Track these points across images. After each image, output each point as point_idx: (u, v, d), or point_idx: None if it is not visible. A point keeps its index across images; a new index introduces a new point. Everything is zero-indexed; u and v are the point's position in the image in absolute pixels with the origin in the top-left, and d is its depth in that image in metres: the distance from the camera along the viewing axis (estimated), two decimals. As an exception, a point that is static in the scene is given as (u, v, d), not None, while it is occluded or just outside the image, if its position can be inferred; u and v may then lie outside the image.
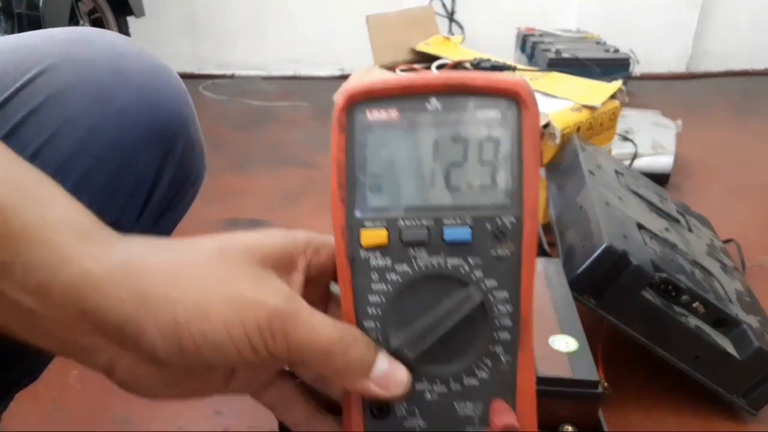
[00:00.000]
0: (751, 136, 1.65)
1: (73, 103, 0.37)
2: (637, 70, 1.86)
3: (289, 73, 2.28)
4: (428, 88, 0.26)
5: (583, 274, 0.65)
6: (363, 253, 0.26)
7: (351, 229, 0.26)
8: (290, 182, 1.32)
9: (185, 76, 2.29)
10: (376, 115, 0.26)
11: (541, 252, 0.73)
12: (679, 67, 2.25)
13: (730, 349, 0.68)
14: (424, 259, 0.26)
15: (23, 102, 0.36)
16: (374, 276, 0.26)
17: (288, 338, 0.24)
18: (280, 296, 0.24)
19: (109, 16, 1.67)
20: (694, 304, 0.68)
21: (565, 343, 0.52)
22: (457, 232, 0.26)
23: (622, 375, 0.74)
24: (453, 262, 0.26)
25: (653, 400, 0.72)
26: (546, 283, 0.61)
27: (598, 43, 1.79)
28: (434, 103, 0.26)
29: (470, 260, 0.26)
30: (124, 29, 1.71)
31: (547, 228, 0.85)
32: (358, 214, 0.26)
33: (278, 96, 1.96)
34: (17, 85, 0.36)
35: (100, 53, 0.39)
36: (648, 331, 0.67)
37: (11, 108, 0.36)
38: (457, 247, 0.26)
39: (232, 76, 2.26)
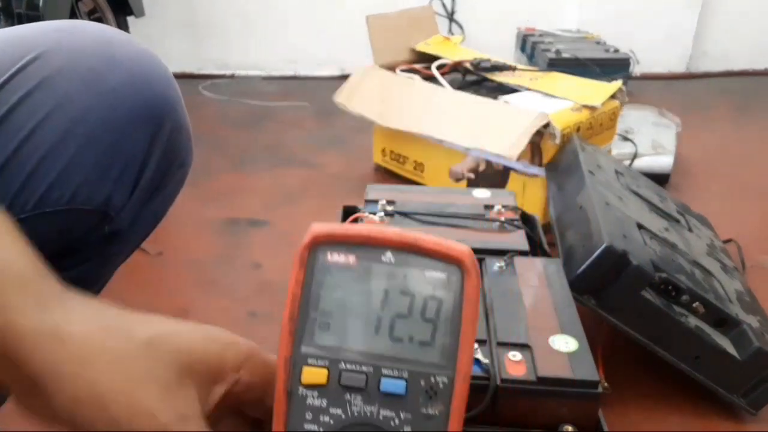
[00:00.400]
0: (751, 136, 1.65)
1: (64, 86, 0.39)
2: (637, 70, 1.86)
3: (289, 73, 2.28)
4: (385, 242, 0.28)
5: (583, 274, 0.65)
6: (301, 390, 0.27)
7: (294, 363, 0.27)
8: (290, 182, 1.32)
9: (185, 76, 2.27)
10: (335, 257, 0.28)
11: (541, 252, 0.73)
12: (679, 68, 2.25)
13: (730, 349, 0.68)
14: (358, 406, 0.27)
15: (17, 87, 0.38)
16: (308, 415, 0.27)
17: None
18: (174, 415, 0.24)
19: (109, 16, 1.67)
20: (694, 304, 0.68)
21: (565, 343, 0.52)
22: (393, 384, 0.27)
23: (622, 375, 0.74)
24: (385, 413, 0.27)
25: (653, 399, 0.72)
26: (546, 283, 0.61)
27: (598, 43, 1.79)
28: (389, 255, 0.28)
29: (401, 414, 0.27)
30: (124, 29, 1.71)
31: (547, 228, 0.85)
32: (303, 349, 0.27)
33: (278, 96, 1.96)
34: (11, 71, 0.38)
35: (90, 41, 0.41)
36: (648, 331, 0.67)
37: (6, 93, 0.38)
38: (391, 399, 0.27)
39: (232, 76, 2.26)
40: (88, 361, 0.24)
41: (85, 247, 0.44)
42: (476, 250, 0.72)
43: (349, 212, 0.78)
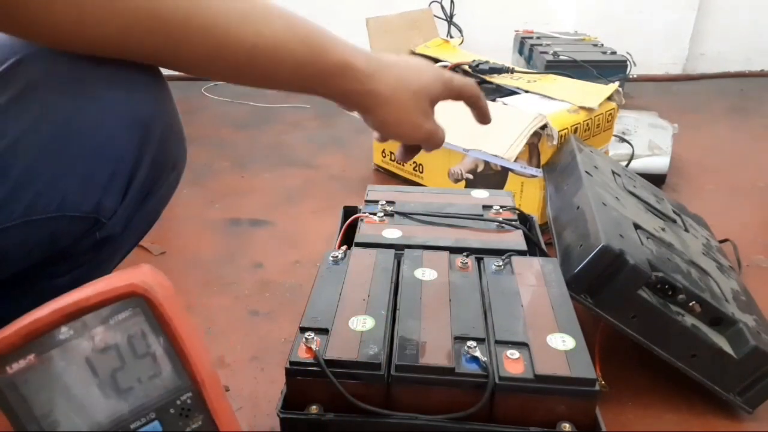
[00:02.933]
0: (747, 137, 1.66)
1: (49, 91, 0.38)
2: (633, 72, 1.87)
3: (289, 74, 2.28)
4: (50, 324, 0.27)
5: (580, 274, 0.66)
6: None
7: None
8: (291, 182, 1.33)
9: (186, 78, 2.26)
10: (15, 366, 0.27)
11: (539, 251, 0.74)
12: (676, 69, 2.26)
13: (726, 347, 0.68)
14: None
15: (2, 91, 0.37)
16: None
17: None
18: (430, 126, 0.53)
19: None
20: (690, 303, 0.69)
21: (563, 342, 0.53)
22: (147, 430, 0.28)
23: (619, 373, 0.74)
24: None
25: (650, 398, 0.73)
26: (544, 282, 0.62)
27: (595, 45, 1.79)
28: (65, 331, 0.27)
29: None
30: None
31: (544, 228, 0.86)
32: None
33: (279, 97, 1.97)
34: None
35: None
36: (645, 329, 0.67)
37: None
38: None
39: (231, 78, 2.26)
40: (392, 98, 0.48)
41: (77, 253, 0.44)
42: (475, 250, 0.73)
43: (349, 212, 0.79)
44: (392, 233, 0.72)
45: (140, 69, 0.41)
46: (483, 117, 0.60)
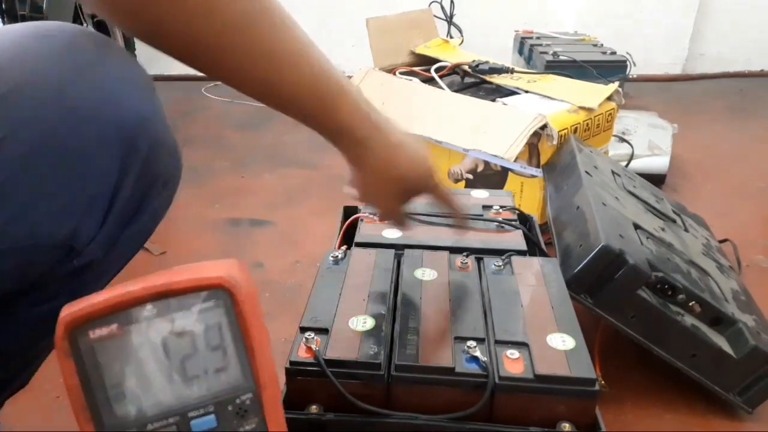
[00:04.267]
0: (746, 137, 1.66)
1: (23, 104, 0.34)
2: (633, 72, 1.87)
3: (289, 74, 2.28)
4: (139, 299, 0.28)
5: (580, 273, 0.66)
6: None
7: None
8: (291, 182, 1.33)
9: (187, 79, 2.25)
10: (98, 333, 0.28)
11: (539, 251, 0.74)
12: (676, 69, 2.26)
13: (726, 347, 0.68)
14: None
15: None
16: None
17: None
18: (402, 210, 0.56)
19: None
20: (690, 303, 0.69)
21: (562, 341, 0.53)
22: (202, 422, 0.28)
23: (618, 373, 0.74)
24: None
25: (650, 398, 0.73)
26: (543, 282, 0.62)
27: (595, 45, 1.79)
28: (149, 308, 0.28)
29: None
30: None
31: (544, 228, 0.86)
32: (108, 426, 0.28)
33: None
34: None
35: (54, 48, 0.36)
36: (644, 329, 0.68)
37: None
38: None
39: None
40: (374, 174, 0.50)
41: (53, 282, 0.39)
42: (475, 250, 0.73)
43: (349, 213, 0.79)
44: (392, 233, 0.72)
45: (124, 74, 0.38)
46: (461, 223, 0.64)
